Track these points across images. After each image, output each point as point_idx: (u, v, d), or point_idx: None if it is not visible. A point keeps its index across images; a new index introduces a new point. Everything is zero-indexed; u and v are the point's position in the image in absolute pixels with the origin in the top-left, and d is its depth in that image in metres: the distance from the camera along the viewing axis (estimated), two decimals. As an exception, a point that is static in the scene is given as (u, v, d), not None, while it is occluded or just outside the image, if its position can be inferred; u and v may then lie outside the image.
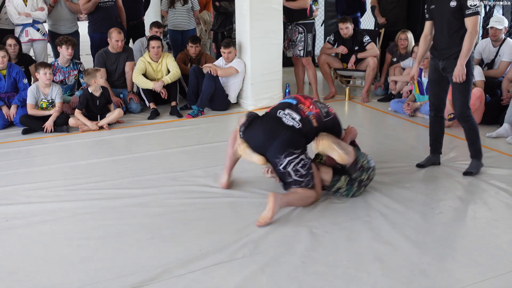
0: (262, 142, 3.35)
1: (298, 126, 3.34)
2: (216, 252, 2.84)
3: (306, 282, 2.56)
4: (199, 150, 4.71)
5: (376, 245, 2.92)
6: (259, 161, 3.36)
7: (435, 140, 4.20)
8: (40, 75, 5.30)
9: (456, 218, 3.30)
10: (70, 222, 3.28)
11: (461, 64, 3.68)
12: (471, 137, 3.96)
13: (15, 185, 3.90)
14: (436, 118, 4.14)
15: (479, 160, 4.00)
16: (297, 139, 3.32)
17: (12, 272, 2.70)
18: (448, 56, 3.80)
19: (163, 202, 3.54)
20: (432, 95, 4.09)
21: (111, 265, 2.73)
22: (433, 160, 4.21)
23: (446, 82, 3.95)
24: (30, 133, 5.27)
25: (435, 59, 3.94)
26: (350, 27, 6.64)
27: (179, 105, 6.12)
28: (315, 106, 3.48)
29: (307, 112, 3.42)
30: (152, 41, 6.06)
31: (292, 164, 3.28)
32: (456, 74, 3.71)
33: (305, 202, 3.38)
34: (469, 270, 2.66)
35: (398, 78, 6.45)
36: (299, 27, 6.22)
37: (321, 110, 3.48)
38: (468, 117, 3.89)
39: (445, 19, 3.76)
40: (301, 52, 6.31)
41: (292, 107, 3.44)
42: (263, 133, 3.37)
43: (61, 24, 6.65)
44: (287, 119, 3.37)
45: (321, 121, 3.43)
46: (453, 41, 3.75)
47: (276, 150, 3.29)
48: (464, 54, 3.67)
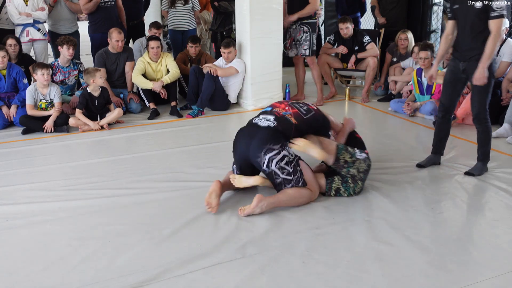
0: (243, 147, 3.43)
1: (273, 124, 3.41)
2: (216, 252, 2.84)
3: (306, 282, 2.57)
4: (199, 150, 4.71)
5: (376, 245, 2.92)
6: (257, 182, 3.45)
7: (439, 141, 4.18)
8: (38, 76, 5.30)
9: (456, 218, 3.30)
10: (70, 222, 3.28)
11: (483, 67, 3.60)
12: (483, 139, 3.92)
13: (15, 185, 3.90)
14: (443, 120, 4.09)
15: (485, 164, 3.98)
16: (274, 135, 3.36)
17: (12, 272, 2.70)
18: (470, 58, 3.71)
19: (163, 202, 3.55)
20: (445, 96, 4.01)
21: (111, 265, 2.73)
22: (434, 160, 4.20)
23: (462, 85, 3.90)
24: (30, 133, 5.27)
25: (456, 60, 3.85)
26: (350, 27, 6.64)
27: (179, 105, 6.12)
28: (291, 107, 3.58)
29: (282, 112, 3.50)
30: (151, 42, 6.06)
31: (273, 161, 3.29)
32: (477, 77, 3.63)
33: (297, 202, 3.37)
34: (469, 270, 2.66)
35: (398, 78, 6.45)
36: (303, 26, 6.20)
37: (300, 109, 3.57)
38: (484, 119, 3.83)
39: (469, 20, 3.66)
40: (306, 51, 6.29)
41: (267, 112, 3.55)
42: (242, 139, 3.48)
43: (61, 24, 6.65)
44: (262, 122, 3.46)
45: (302, 118, 3.51)
46: (476, 43, 3.66)
47: (255, 149, 3.35)
48: (486, 57, 3.59)
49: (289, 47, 6.41)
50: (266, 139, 3.33)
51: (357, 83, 7.58)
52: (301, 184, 3.39)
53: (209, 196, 3.36)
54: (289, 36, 6.37)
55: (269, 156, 3.29)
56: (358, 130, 3.95)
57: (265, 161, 3.31)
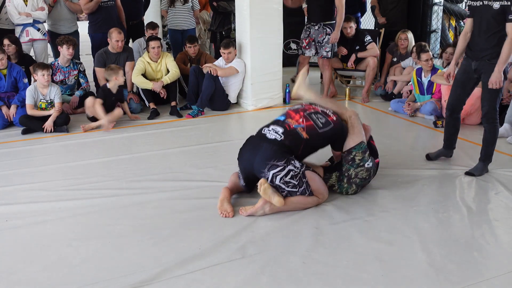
0: (248, 161, 3.39)
1: (280, 138, 3.33)
2: (216, 252, 2.84)
3: (306, 282, 2.56)
4: (199, 150, 4.71)
5: (376, 245, 2.92)
6: (278, 203, 3.23)
7: (449, 137, 4.21)
8: (38, 77, 5.30)
9: (456, 218, 3.29)
10: (70, 222, 3.28)
11: (499, 70, 3.60)
12: (489, 139, 3.92)
13: (15, 185, 3.90)
14: (451, 118, 4.11)
15: (486, 165, 3.98)
16: (278, 151, 3.28)
17: (12, 272, 2.69)
18: (482, 57, 3.72)
19: (163, 202, 3.54)
20: (453, 95, 4.01)
21: (111, 265, 2.73)
22: (445, 154, 4.24)
23: (473, 85, 3.90)
24: (29, 133, 5.27)
25: (468, 59, 3.85)
26: (353, 27, 6.62)
27: (179, 105, 6.12)
28: (306, 118, 3.43)
29: (294, 125, 3.39)
30: (151, 42, 6.06)
31: (278, 177, 3.25)
32: (493, 80, 3.63)
33: (301, 208, 3.35)
34: (469, 270, 2.66)
35: (398, 78, 6.46)
36: (327, 28, 6.12)
37: (316, 121, 3.42)
38: (493, 119, 3.84)
39: (485, 20, 3.65)
40: (328, 53, 6.23)
41: (278, 123, 3.45)
42: (248, 152, 3.42)
43: (61, 24, 6.66)
44: (270, 134, 3.39)
45: (316, 132, 3.38)
46: (489, 43, 3.66)
47: (259, 165, 3.31)
48: (502, 61, 3.59)
49: (307, 47, 6.30)
50: (270, 156, 3.27)
51: (357, 83, 7.58)
52: (308, 194, 3.36)
53: (221, 204, 3.35)
54: (308, 36, 6.25)
55: (273, 173, 3.26)
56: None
57: (269, 177, 3.27)
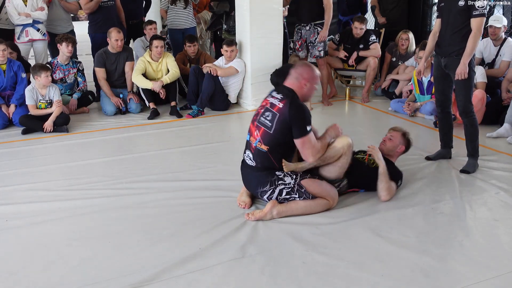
0: (247, 187, 3.49)
1: (254, 164, 3.35)
2: (216, 252, 2.84)
3: (306, 282, 2.56)
4: (199, 150, 4.71)
5: (376, 245, 2.92)
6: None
7: (444, 135, 4.29)
8: (42, 78, 5.29)
9: (456, 218, 3.29)
10: (70, 222, 3.28)
11: (464, 63, 3.77)
12: (471, 133, 4.01)
13: (15, 185, 3.90)
14: (443, 114, 4.22)
15: (475, 160, 4.05)
16: (260, 177, 3.31)
17: (12, 272, 2.69)
18: (450, 53, 3.87)
19: (163, 202, 3.54)
20: (437, 91, 4.17)
21: (111, 265, 2.73)
22: (443, 154, 4.29)
23: (451, 78, 4.00)
24: (29, 133, 5.27)
25: (438, 56, 4.01)
26: (364, 29, 6.61)
27: (179, 105, 6.12)
28: (258, 127, 3.28)
29: (254, 143, 3.30)
30: (155, 41, 6.05)
31: (273, 197, 3.30)
32: (458, 72, 3.79)
33: (311, 210, 3.29)
34: (469, 270, 2.66)
35: (397, 77, 6.46)
36: (318, 27, 6.16)
37: (265, 123, 3.24)
38: (471, 113, 3.96)
39: (451, 17, 3.83)
40: (321, 52, 6.26)
41: (247, 146, 3.42)
42: (243, 180, 3.48)
43: (57, 24, 6.66)
44: (248, 160, 3.40)
45: (269, 136, 3.21)
46: (455, 39, 3.82)
47: (253, 192, 3.43)
48: (467, 54, 3.75)
49: (300, 49, 6.35)
50: (256, 185, 3.34)
51: (357, 83, 7.58)
52: (312, 198, 3.31)
53: (240, 195, 3.49)
54: (300, 37, 6.30)
55: (267, 197, 3.32)
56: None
57: (266, 200, 3.35)
